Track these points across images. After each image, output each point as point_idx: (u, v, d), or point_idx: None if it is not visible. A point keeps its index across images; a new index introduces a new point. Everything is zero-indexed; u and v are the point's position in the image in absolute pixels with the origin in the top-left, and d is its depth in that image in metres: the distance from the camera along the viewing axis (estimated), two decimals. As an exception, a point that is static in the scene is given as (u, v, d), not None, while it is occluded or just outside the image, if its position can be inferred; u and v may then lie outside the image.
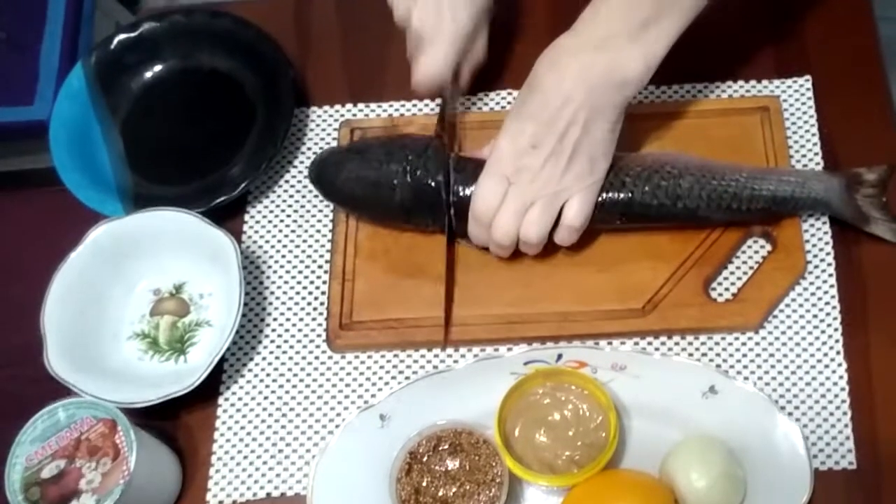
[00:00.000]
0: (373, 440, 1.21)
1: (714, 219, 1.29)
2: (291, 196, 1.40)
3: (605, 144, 1.21)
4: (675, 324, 1.26)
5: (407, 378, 1.27)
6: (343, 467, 1.21)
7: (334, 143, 1.43)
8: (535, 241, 1.25)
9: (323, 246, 1.36)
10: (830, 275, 1.28)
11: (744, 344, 1.26)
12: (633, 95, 1.20)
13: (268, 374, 1.30)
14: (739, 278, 1.29)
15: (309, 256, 1.35)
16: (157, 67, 1.50)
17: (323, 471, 1.20)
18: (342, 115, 1.45)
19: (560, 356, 1.23)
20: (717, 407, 1.20)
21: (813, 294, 1.27)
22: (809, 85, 1.40)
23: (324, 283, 1.34)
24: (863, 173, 1.29)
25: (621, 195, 1.26)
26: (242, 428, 1.27)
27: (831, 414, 1.22)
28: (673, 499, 1.12)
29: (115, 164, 1.44)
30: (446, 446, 1.17)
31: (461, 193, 1.26)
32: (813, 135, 1.37)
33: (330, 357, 1.30)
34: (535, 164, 1.20)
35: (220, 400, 1.29)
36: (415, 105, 1.45)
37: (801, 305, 1.27)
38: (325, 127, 1.45)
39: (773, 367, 1.25)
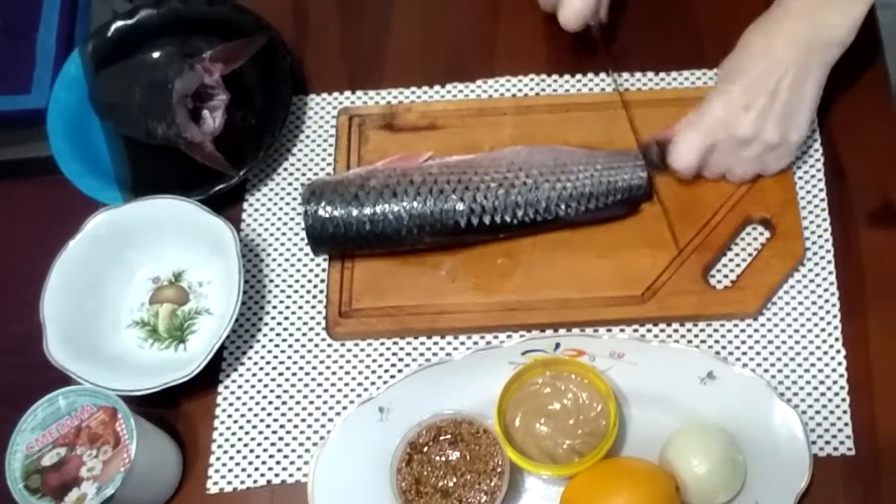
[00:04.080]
0: (372, 432, 1.21)
1: (576, 219, 1.30)
2: (290, 184, 1.40)
3: (813, 103, 1.26)
4: (674, 311, 1.27)
5: (407, 365, 1.28)
6: (343, 460, 1.21)
7: (333, 131, 1.43)
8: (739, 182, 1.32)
9: (322, 233, 1.36)
10: (829, 262, 1.28)
11: (742, 331, 1.26)
12: (839, 55, 1.24)
13: (267, 362, 1.30)
14: (738, 265, 1.30)
15: (308, 244, 1.35)
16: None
17: (323, 464, 1.21)
18: (340, 103, 1.45)
19: (558, 345, 1.23)
20: (716, 393, 1.20)
21: (812, 281, 1.28)
22: (808, 71, 1.40)
23: (323, 270, 1.34)
24: None
25: (485, 219, 1.28)
26: (243, 416, 1.27)
27: (830, 400, 1.22)
28: (674, 486, 1.12)
29: (113, 152, 1.44)
30: (447, 437, 1.17)
31: None
32: (812, 121, 1.36)
33: (329, 345, 1.30)
34: (745, 128, 1.23)
35: (220, 388, 1.29)
36: (413, 92, 1.45)
37: (799, 292, 1.27)
38: (323, 115, 1.45)
39: (771, 353, 1.25)
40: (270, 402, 1.28)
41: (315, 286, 1.34)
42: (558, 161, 1.30)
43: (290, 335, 1.31)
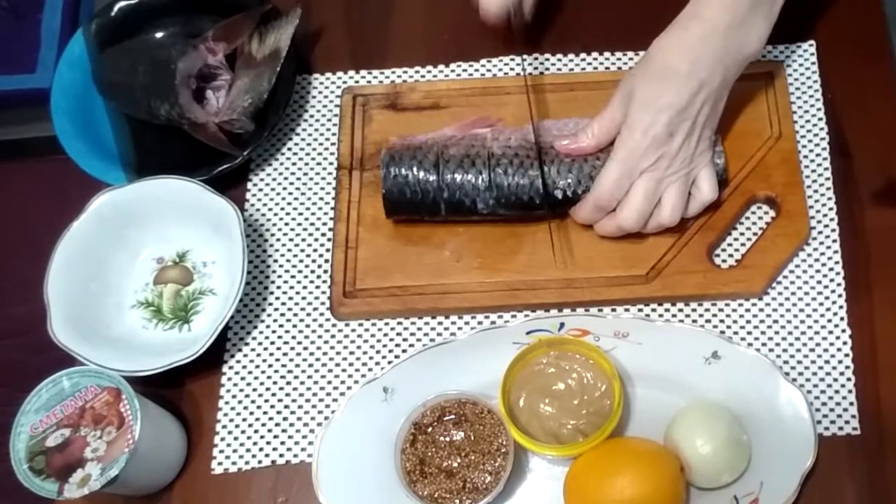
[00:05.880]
0: (377, 413, 1.21)
1: None
2: (294, 164, 1.40)
3: (720, 113, 1.27)
4: (679, 290, 1.26)
5: (411, 345, 1.28)
6: (347, 440, 1.21)
7: (337, 111, 1.42)
8: (671, 224, 1.26)
9: (326, 214, 1.36)
10: (834, 241, 1.28)
11: (747, 310, 1.26)
12: None
13: (272, 343, 1.30)
14: (743, 244, 1.29)
15: (312, 224, 1.35)
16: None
17: (327, 444, 1.21)
18: (344, 83, 1.45)
19: (562, 325, 1.23)
20: (720, 373, 1.20)
21: (817, 260, 1.27)
22: (813, 50, 1.40)
23: (327, 250, 1.34)
24: None
25: (556, 194, 1.28)
26: (247, 396, 1.27)
27: (835, 380, 1.22)
28: (678, 465, 1.12)
29: (117, 132, 1.44)
30: (451, 417, 1.17)
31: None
32: (817, 100, 1.36)
33: (333, 325, 1.30)
34: (671, 151, 1.22)
35: (225, 368, 1.29)
36: (417, 72, 1.45)
37: (804, 272, 1.27)
38: (327, 94, 1.45)
39: (776, 333, 1.25)
40: (275, 383, 1.28)
41: (319, 266, 1.33)
42: None
43: (295, 315, 1.31)
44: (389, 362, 1.26)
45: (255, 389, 1.28)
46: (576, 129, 1.29)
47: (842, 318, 1.24)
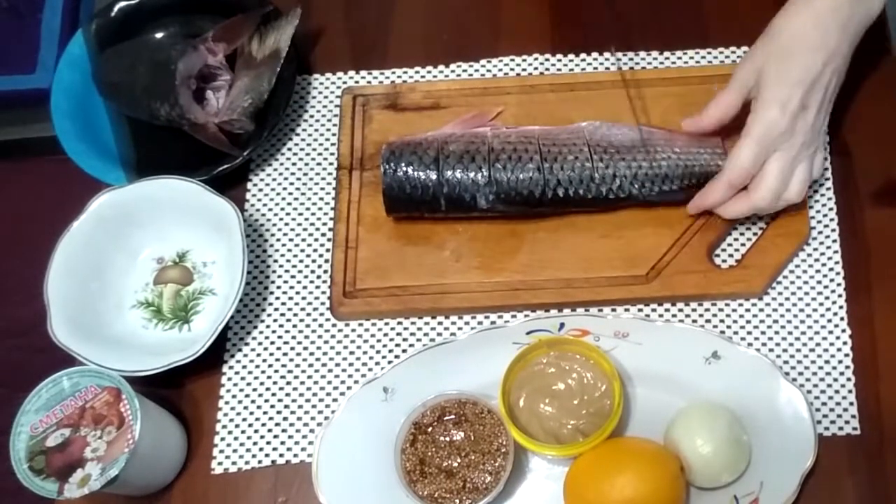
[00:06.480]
0: (377, 413, 1.21)
1: (649, 199, 1.29)
2: (294, 164, 1.40)
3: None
4: (679, 290, 1.26)
5: (411, 345, 1.28)
6: (348, 440, 1.21)
7: (337, 111, 1.42)
8: (797, 201, 1.25)
9: (326, 214, 1.36)
10: (834, 241, 1.28)
11: (748, 310, 1.26)
12: None
13: (272, 343, 1.30)
14: (743, 244, 1.29)
15: (312, 224, 1.35)
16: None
17: (327, 444, 1.21)
18: (344, 83, 1.45)
19: (562, 325, 1.23)
20: (720, 373, 1.20)
21: (817, 260, 1.27)
22: (814, 50, 1.40)
23: (327, 251, 1.34)
24: None
25: (559, 192, 1.28)
26: (247, 396, 1.27)
27: (835, 380, 1.22)
28: (678, 465, 1.12)
29: (117, 132, 1.44)
30: (451, 417, 1.17)
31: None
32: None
33: (333, 325, 1.30)
34: (806, 125, 1.21)
35: (225, 368, 1.29)
36: (417, 72, 1.45)
37: (804, 272, 1.27)
38: (327, 94, 1.45)
39: (776, 333, 1.25)
40: (275, 383, 1.28)
41: (319, 266, 1.33)
42: (637, 140, 1.30)
43: (295, 315, 1.31)
44: (389, 362, 1.26)
45: (255, 389, 1.28)
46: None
47: (842, 318, 1.24)
